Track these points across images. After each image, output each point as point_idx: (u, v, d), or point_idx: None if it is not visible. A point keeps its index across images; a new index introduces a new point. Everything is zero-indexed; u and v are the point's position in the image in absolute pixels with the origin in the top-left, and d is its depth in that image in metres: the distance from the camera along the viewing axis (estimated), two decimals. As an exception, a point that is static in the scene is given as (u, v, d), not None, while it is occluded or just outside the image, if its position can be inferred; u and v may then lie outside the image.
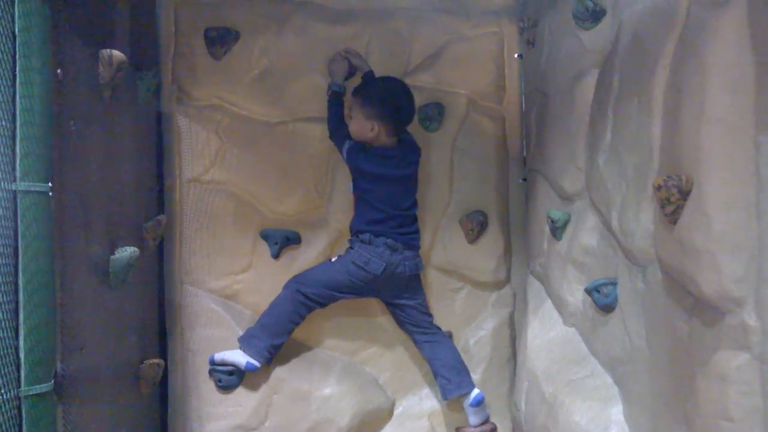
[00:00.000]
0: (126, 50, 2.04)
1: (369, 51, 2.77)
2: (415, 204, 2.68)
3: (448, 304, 2.84)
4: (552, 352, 2.50)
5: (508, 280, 2.91)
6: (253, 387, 2.57)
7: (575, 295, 2.40)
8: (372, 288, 2.61)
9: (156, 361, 2.24)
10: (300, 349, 2.69)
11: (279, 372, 2.61)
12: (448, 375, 2.64)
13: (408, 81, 2.77)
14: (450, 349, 2.70)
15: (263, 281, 2.64)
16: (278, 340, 2.53)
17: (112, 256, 1.72)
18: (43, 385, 1.16)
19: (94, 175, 1.61)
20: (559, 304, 2.51)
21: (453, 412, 2.76)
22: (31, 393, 1.13)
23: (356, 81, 2.70)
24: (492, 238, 2.85)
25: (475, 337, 2.84)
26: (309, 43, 2.72)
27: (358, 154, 2.58)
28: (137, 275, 2.23)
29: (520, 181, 2.91)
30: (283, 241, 2.68)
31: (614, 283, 2.12)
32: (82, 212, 1.49)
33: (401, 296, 2.65)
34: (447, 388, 2.64)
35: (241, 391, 2.56)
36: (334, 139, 2.67)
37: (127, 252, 1.77)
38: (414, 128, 2.76)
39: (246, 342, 2.52)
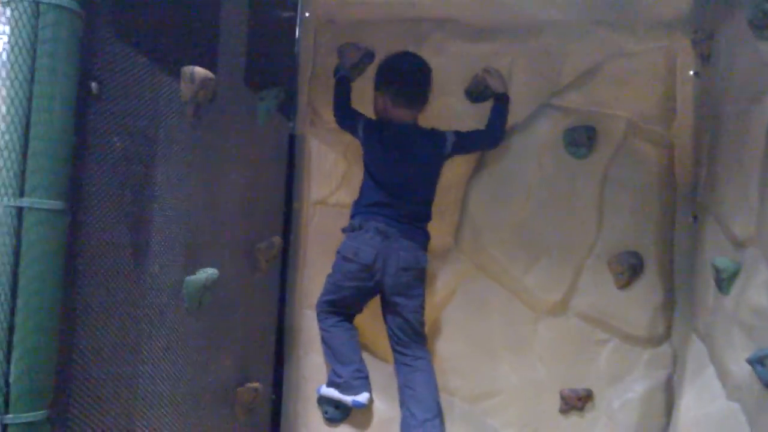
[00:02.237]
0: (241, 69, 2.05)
1: (512, 70, 2.53)
2: (428, 207, 2.44)
3: (591, 358, 2.46)
4: (709, 430, 2.04)
5: (667, 336, 2.45)
6: (361, 424, 2.43)
7: (740, 364, 1.92)
8: (371, 285, 2.35)
9: (253, 385, 2.19)
10: (416, 389, 2.50)
11: (389, 410, 2.43)
12: (415, 410, 2.29)
13: (555, 102, 2.50)
14: (428, 381, 2.34)
15: (379, 308, 2.49)
16: (354, 364, 2.37)
17: (187, 278, 1.70)
18: (32, 414, 1.11)
19: (168, 195, 1.59)
20: (722, 373, 2.04)
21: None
22: (17, 421, 1.09)
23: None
24: (648, 285, 2.42)
25: (621, 399, 2.41)
26: (446, 62, 2.55)
27: (373, 128, 2.45)
28: (249, 297, 2.22)
29: (690, 219, 2.44)
30: (403, 272, 2.52)
31: (783, 355, 1.66)
32: (140, 232, 1.46)
33: (397, 293, 2.34)
34: (409, 424, 2.29)
35: (348, 427, 2.43)
36: (345, 121, 2.51)
37: (204, 274, 1.73)
38: (560, 155, 2.47)
39: (335, 386, 2.38)
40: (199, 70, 1.63)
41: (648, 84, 2.47)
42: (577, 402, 2.44)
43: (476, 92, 2.53)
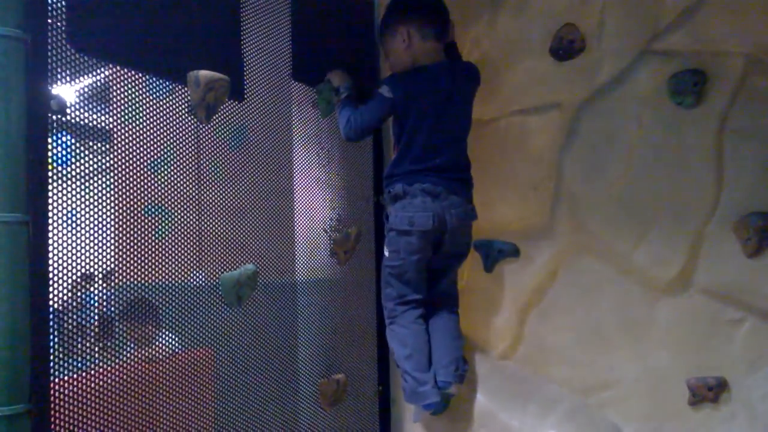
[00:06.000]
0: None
1: (605, 19, 2.22)
2: (466, 152, 2.21)
3: (723, 342, 2.08)
4: None
5: (821, 313, 2.00)
6: (462, 416, 2.31)
7: None
8: (430, 252, 2.16)
9: (337, 377, 2.19)
10: (520, 378, 2.32)
11: (489, 403, 2.29)
12: (433, 361, 2.19)
13: (656, 47, 2.16)
14: (441, 334, 2.20)
15: (474, 295, 2.35)
16: (432, 370, 2.17)
17: (223, 274, 1.74)
18: (11, 407, 1.22)
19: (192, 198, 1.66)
20: None
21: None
22: None
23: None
24: (785, 252, 1.99)
25: (763, 390, 2.02)
26: (527, 22, 2.33)
27: (397, 84, 2.14)
28: (327, 290, 2.24)
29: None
30: (495, 254, 2.35)
31: None
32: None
33: (451, 254, 2.21)
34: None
35: (448, 417, 2.33)
36: (376, 125, 2.23)
37: (237, 271, 1.76)
38: (664, 107, 2.12)
39: (415, 398, 2.17)
40: (204, 73, 1.66)
41: (772, 7, 2.03)
42: (707, 393, 2.09)
43: (562, 49, 2.27)
